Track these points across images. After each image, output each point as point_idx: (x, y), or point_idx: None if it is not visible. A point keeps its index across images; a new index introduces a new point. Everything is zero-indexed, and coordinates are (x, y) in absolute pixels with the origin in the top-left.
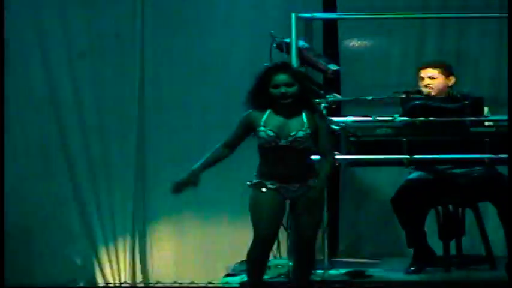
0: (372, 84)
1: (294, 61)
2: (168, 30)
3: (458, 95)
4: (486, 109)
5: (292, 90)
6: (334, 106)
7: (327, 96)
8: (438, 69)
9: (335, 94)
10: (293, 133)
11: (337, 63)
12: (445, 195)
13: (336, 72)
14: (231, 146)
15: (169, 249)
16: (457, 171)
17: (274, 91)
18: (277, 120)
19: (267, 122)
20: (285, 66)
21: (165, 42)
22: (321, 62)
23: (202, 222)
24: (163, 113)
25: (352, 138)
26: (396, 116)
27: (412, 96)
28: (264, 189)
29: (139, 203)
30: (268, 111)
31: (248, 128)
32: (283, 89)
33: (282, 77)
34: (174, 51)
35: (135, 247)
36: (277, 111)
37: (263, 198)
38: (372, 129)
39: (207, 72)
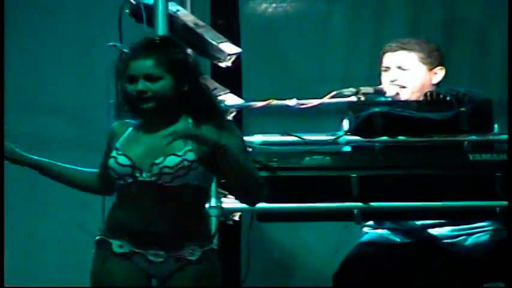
0: (297, 79)
1: None
2: None
3: (450, 98)
4: (495, 126)
5: (156, 86)
6: (231, 115)
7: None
8: (416, 53)
9: (232, 95)
10: (158, 160)
11: (236, 43)
12: (423, 274)
13: (235, 57)
14: (100, 177)
15: None
16: (446, 230)
17: (127, 88)
18: (142, 139)
19: (126, 142)
20: (150, 44)
21: None
22: (209, 41)
23: None
24: None
25: (262, 173)
26: (340, 133)
27: (367, 99)
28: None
29: None
30: (132, 126)
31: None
32: (140, 85)
33: (140, 64)
34: None
35: None
36: (145, 125)
37: (109, 274)
38: (298, 156)
39: None
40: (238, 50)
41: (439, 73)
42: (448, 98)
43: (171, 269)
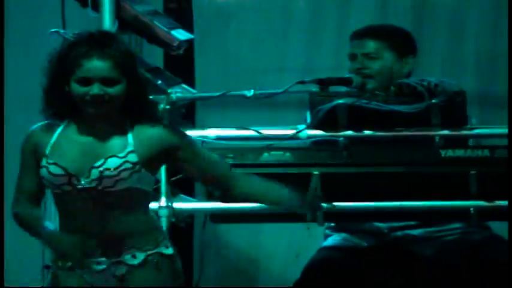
0: (255, 68)
1: (108, 24)
2: None
3: (420, 89)
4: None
5: (114, 91)
6: (183, 109)
7: (169, 90)
8: (385, 40)
9: (184, 86)
10: (98, 163)
11: (189, 29)
12: (391, 281)
13: (187, 44)
14: (35, 197)
15: None
16: (416, 232)
17: (78, 90)
18: (76, 142)
19: (55, 148)
20: (99, 42)
21: None
22: (159, 27)
23: None
24: None
25: None
26: (301, 127)
27: (330, 90)
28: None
29: None
30: (60, 128)
31: (35, 155)
32: (96, 88)
33: (97, 65)
34: None
35: None
36: (79, 126)
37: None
38: (255, 152)
39: None
40: (190, 36)
41: (410, 62)
42: (418, 89)
43: (113, 276)
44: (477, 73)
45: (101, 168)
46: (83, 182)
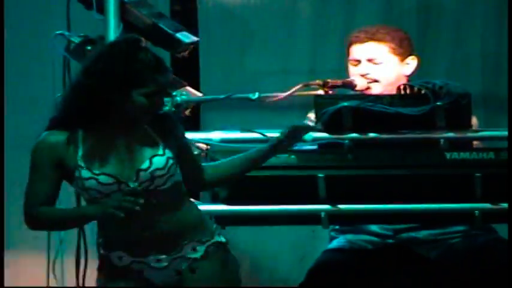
0: (259, 71)
1: (112, 26)
2: None
3: (425, 91)
4: (474, 119)
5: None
6: (187, 112)
7: (174, 93)
8: (387, 44)
9: (189, 89)
10: (145, 165)
11: (194, 31)
12: (397, 280)
13: (192, 47)
14: (48, 204)
15: None
16: (421, 234)
17: (143, 101)
18: (109, 149)
19: (90, 157)
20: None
21: None
22: (164, 29)
23: None
24: None
25: None
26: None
27: (336, 93)
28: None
29: None
30: (80, 137)
31: (58, 168)
32: (162, 100)
33: (163, 79)
34: None
35: None
36: (102, 133)
37: None
38: None
39: None
40: (195, 39)
41: (411, 63)
42: (423, 92)
43: (176, 271)
44: (482, 75)
45: (151, 169)
46: (132, 186)
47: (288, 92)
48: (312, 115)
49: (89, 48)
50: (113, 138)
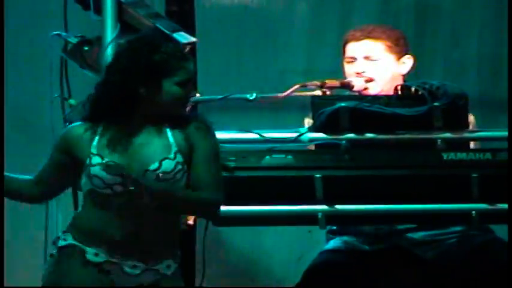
0: (256, 72)
1: (109, 27)
2: None
3: (422, 92)
4: (471, 117)
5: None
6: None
7: None
8: (383, 42)
9: None
10: (154, 166)
11: (191, 31)
12: (394, 281)
13: (190, 47)
14: (38, 181)
15: None
16: (418, 235)
17: (176, 91)
18: (121, 143)
19: (102, 148)
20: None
21: None
22: (162, 30)
23: None
24: None
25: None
26: (303, 130)
27: (332, 94)
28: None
29: None
30: (100, 128)
31: (67, 157)
32: (188, 88)
33: (191, 67)
34: None
35: None
36: (120, 127)
37: (73, 282)
38: (257, 155)
39: None
40: (192, 39)
41: (408, 62)
42: (420, 92)
43: (145, 282)
44: (479, 76)
45: (158, 172)
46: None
47: (286, 93)
48: (308, 120)
49: (86, 48)
50: (131, 132)
